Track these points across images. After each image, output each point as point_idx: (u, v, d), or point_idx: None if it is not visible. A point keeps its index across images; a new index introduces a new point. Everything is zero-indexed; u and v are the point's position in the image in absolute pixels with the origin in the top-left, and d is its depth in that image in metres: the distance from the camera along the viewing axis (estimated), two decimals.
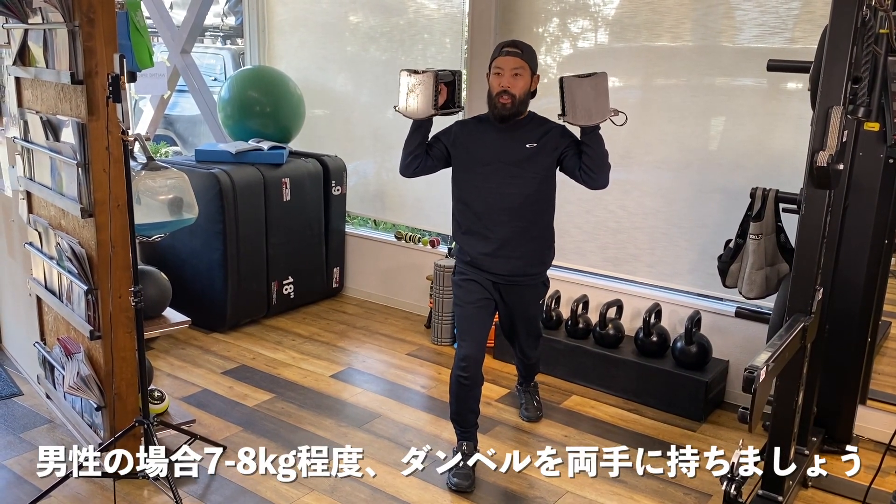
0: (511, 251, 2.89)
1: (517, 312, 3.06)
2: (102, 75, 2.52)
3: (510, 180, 2.83)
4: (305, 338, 4.26)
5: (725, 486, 2.32)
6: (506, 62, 2.77)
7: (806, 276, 2.45)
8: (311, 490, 2.78)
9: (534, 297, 3.07)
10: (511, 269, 2.92)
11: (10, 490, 2.74)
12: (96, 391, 2.79)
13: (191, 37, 5.18)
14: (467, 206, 2.91)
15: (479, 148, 2.87)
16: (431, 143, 2.94)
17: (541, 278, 3.04)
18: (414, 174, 2.95)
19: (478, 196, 2.88)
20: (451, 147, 2.92)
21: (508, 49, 2.78)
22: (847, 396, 3.10)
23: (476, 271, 2.95)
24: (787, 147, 3.34)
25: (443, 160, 2.95)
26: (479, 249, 2.91)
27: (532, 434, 3.26)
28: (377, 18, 4.65)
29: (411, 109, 2.85)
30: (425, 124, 2.90)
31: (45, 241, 3.07)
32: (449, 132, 2.95)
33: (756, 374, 2.03)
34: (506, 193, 2.84)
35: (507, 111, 2.79)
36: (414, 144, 2.91)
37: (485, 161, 2.86)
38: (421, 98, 2.82)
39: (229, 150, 4.33)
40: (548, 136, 2.85)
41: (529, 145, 2.83)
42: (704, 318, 3.56)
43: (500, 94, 2.77)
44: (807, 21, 3.23)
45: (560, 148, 2.84)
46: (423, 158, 2.92)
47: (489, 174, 2.85)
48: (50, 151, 2.84)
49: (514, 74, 2.76)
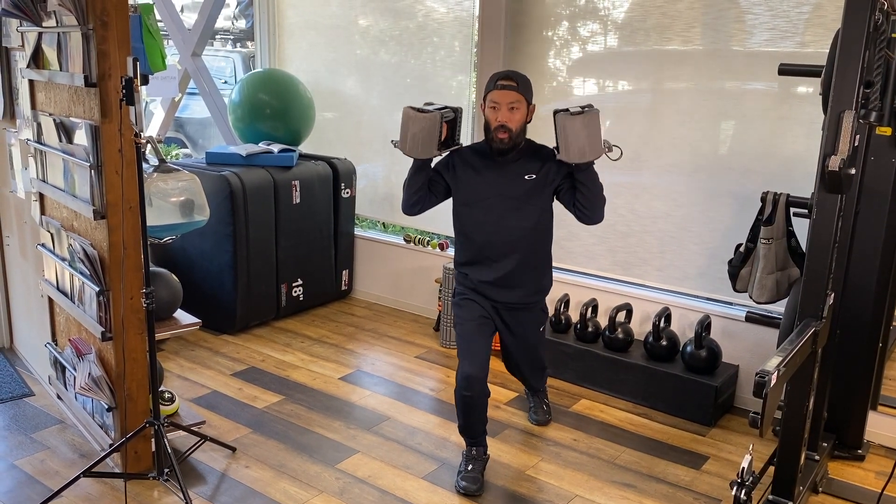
0: (512, 281, 2.90)
1: (517, 339, 3.06)
2: (116, 78, 2.53)
3: (511, 213, 2.84)
4: (314, 340, 4.27)
5: (735, 491, 2.31)
6: (501, 97, 2.75)
7: (817, 281, 2.44)
8: (321, 492, 2.79)
9: (533, 322, 3.07)
10: (509, 297, 2.94)
11: (21, 490, 2.76)
12: (107, 392, 2.80)
13: (202, 40, 5.21)
14: (468, 238, 2.92)
15: (479, 182, 2.87)
16: (432, 177, 2.93)
17: (539, 305, 3.06)
18: (418, 213, 2.94)
19: (479, 229, 2.88)
20: (450, 181, 2.91)
21: (503, 83, 2.76)
22: (858, 402, 3.08)
23: (476, 294, 2.96)
24: (798, 151, 3.33)
25: (443, 194, 2.95)
26: (481, 278, 2.92)
27: (541, 438, 3.26)
28: (387, 22, 4.67)
29: (414, 150, 2.79)
30: (428, 164, 2.88)
31: (58, 242, 3.09)
32: (448, 166, 2.92)
33: (767, 378, 2.02)
34: (507, 226, 2.84)
35: (504, 146, 2.78)
36: (418, 185, 2.88)
37: (485, 195, 2.85)
38: (425, 139, 2.77)
39: (240, 153, 4.35)
40: (545, 166, 2.84)
41: (528, 177, 2.83)
42: (714, 322, 3.55)
43: (498, 129, 2.76)
44: (818, 25, 3.22)
45: (557, 180, 2.84)
46: (426, 196, 2.91)
47: (490, 208, 2.85)
48: (63, 153, 2.85)
49: (511, 108, 2.75)
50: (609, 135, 2.78)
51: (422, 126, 2.76)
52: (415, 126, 2.77)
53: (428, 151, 2.80)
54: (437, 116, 2.76)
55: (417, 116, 2.76)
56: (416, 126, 2.76)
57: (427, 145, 2.78)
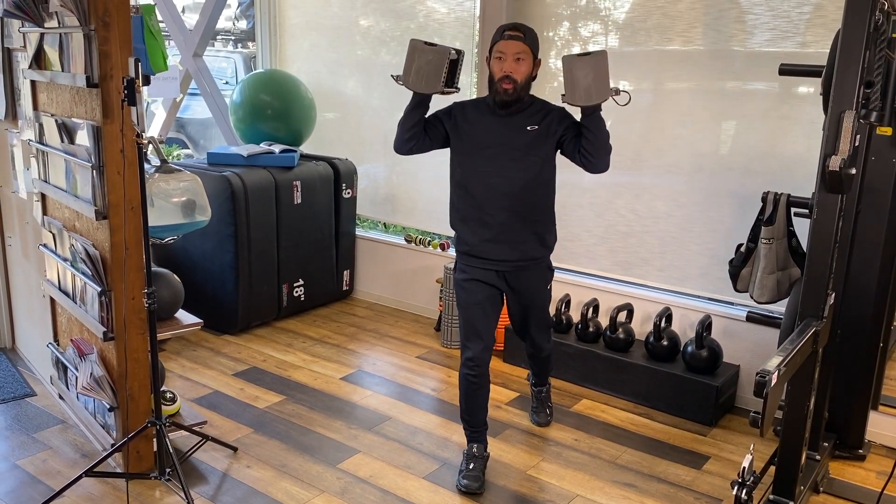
0: (512, 236, 2.83)
1: (526, 300, 2.99)
2: (117, 79, 2.54)
3: (511, 164, 2.77)
4: (316, 340, 4.28)
5: (736, 491, 2.31)
6: (508, 46, 2.70)
7: (818, 281, 2.44)
8: (322, 492, 2.79)
9: (540, 281, 2.99)
10: (513, 255, 2.85)
11: (23, 490, 2.76)
12: (109, 392, 2.81)
13: (203, 40, 5.21)
14: (466, 190, 2.84)
15: (480, 131, 2.80)
16: (429, 121, 2.85)
17: (545, 262, 2.97)
18: (409, 152, 2.86)
19: (478, 180, 2.80)
20: (450, 130, 2.84)
21: (510, 33, 2.71)
22: (859, 402, 3.08)
23: (478, 262, 2.87)
24: (798, 151, 3.34)
25: (440, 141, 2.87)
26: (480, 236, 2.84)
27: (542, 437, 3.26)
28: (388, 22, 4.67)
29: (418, 83, 2.72)
30: (426, 101, 2.81)
31: (60, 242, 3.10)
32: (449, 114, 2.86)
33: (768, 378, 2.02)
34: (507, 177, 2.77)
35: (509, 97, 2.72)
36: (413, 121, 2.80)
37: (485, 144, 2.79)
38: (430, 73, 2.70)
39: (241, 154, 4.36)
40: (548, 118, 2.78)
41: (531, 128, 2.77)
42: (715, 322, 3.55)
43: (503, 79, 2.70)
44: (819, 25, 3.22)
45: (560, 131, 2.77)
46: (421, 137, 2.83)
47: (490, 158, 2.78)
48: (65, 154, 2.86)
49: (517, 59, 2.69)
50: (610, 134, 2.77)
51: (428, 59, 2.71)
52: (421, 59, 2.71)
53: (431, 86, 2.74)
54: (447, 52, 2.71)
55: (425, 49, 2.71)
56: (423, 59, 2.71)
57: (431, 80, 2.73)
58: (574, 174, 3.48)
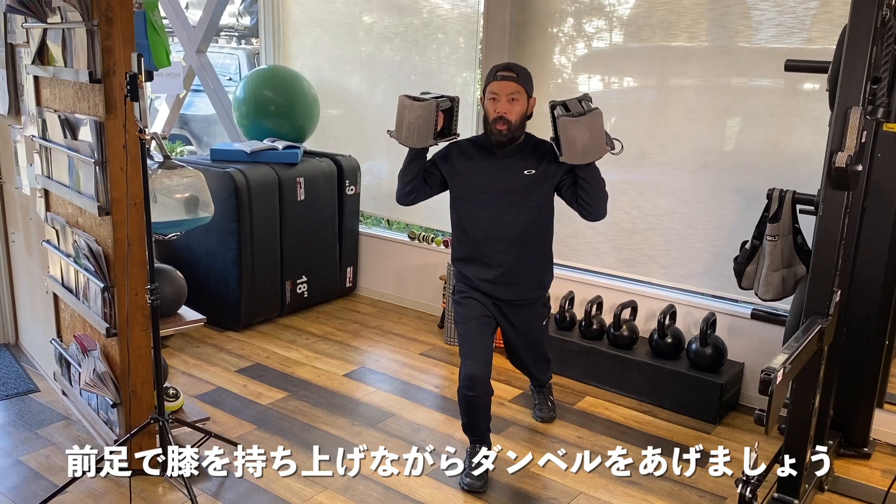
0: (511, 278, 2.87)
1: (521, 333, 3.04)
2: (120, 74, 2.53)
3: (509, 209, 2.79)
4: (319, 337, 4.27)
5: (740, 489, 2.30)
6: (501, 87, 2.70)
7: (823, 278, 2.43)
8: (325, 488, 2.79)
9: (536, 317, 3.04)
10: (509, 295, 2.90)
11: (27, 486, 2.76)
12: (112, 388, 2.80)
13: (206, 36, 5.21)
14: (465, 234, 2.88)
15: (477, 176, 2.82)
16: (427, 168, 2.88)
17: (541, 300, 3.04)
18: (411, 203, 2.90)
19: (476, 224, 2.84)
20: (447, 174, 2.87)
21: (503, 73, 2.72)
22: (864, 400, 3.07)
23: (476, 292, 2.92)
24: (804, 148, 3.32)
25: (438, 186, 2.90)
26: (480, 276, 2.88)
27: (545, 435, 3.26)
28: (391, 18, 4.66)
29: (409, 139, 2.74)
30: (423, 153, 2.83)
31: (63, 238, 3.09)
32: (445, 158, 2.88)
33: (773, 376, 2.01)
34: (505, 222, 2.80)
35: (503, 138, 2.73)
36: (412, 174, 2.84)
37: (483, 190, 2.81)
38: (421, 127, 2.71)
39: (244, 150, 4.35)
40: (545, 161, 2.79)
41: (528, 172, 2.78)
42: (720, 319, 3.54)
43: (497, 120, 2.71)
44: (825, 21, 3.20)
45: (558, 175, 2.79)
46: (421, 187, 2.87)
47: (488, 203, 2.80)
48: (68, 150, 2.86)
49: (511, 100, 2.70)
50: (614, 132, 2.76)
51: (417, 115, 2.71)
52: (410, 115, 2.72)
53: (423, 140, 2.75)
54: (433, 105, 2.71)
55: (413, 105, 2.71)
56: (412, 115, 2.72)
57: (422, 134, 2.73)
58: None
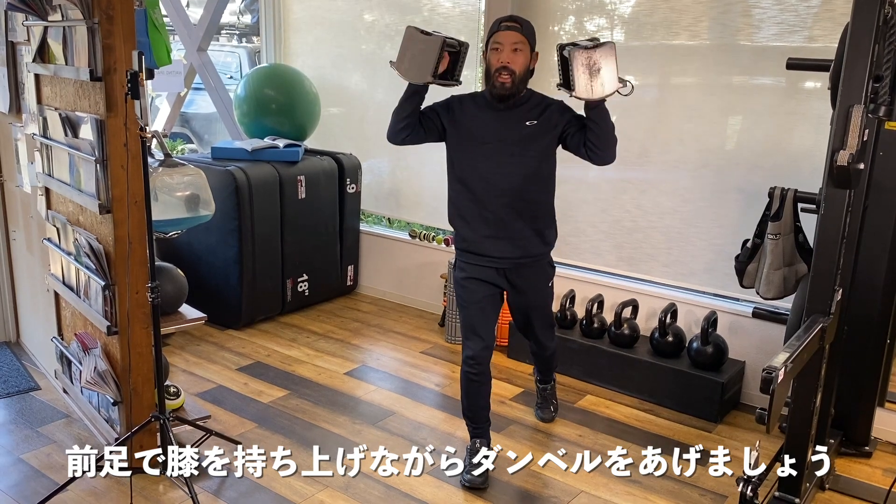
0: (512, 232, 2.78)
1: (528, 298, 2.96)
2: (121, 72, 2.53)
3: (509, 159, 2.72)
4: (320, 335, 4.27)
5: (741, 488, 2.30)
6: (505, 37, 2.65)
7: (825, 277, 2.42)
8: (326, 487, 2.79)
9: (542, 278, 2.96)
10: (513, 252, 2.81)
11: (27, 483, 2.76)
12: (113, 386, 2.80)
13: (207, 35, 5.20)
14: (464, 186, 2.79)
15: (478, 126, 2.75)
16: (426, 113, 2.78)
17: (545, 259, 2.94)
18: (402, 142, 2.79)
19: (476, 176, 2.75)
20: (447, 123, 2.79)
21: (507, 24, 2.66)
22: (865, 399, 3.07)
23: (478, 259, 2.83)
24: (805, 146, 3.31)
25: (435, 133, 2.81)
26: (479, 232, 2.80)
27: (546, 433, 3.25)
28: (392, 16, 4.66)
29: (408, 71, 2.65)
30: (422, 91, 2.74)
31: (63, 236, 3.09)
32: (447, 107, 2.80)
33: (774, 374, 2.01)
34: (505, 173, 2.72)
35: (506, 90, 2.66)
36: (408, 111, 2.73)
37: (483, 140, 2.74)
38: (423, 62, 2.62)
39: (245, 148, 4.35)
40: (547, 112, 2.73)
41: (529, 122, 2.72)
42: (721, 318, 3.53)
43: (500, 70, 2.63)
44: (826, 19, 3.20)
45: (560, 125, 2.72)
46: (415, 127, 2.77)
47: (488, 153, 2.73)
48: (68, 148, 2.85)
49: (514, 50, 2.64)
50: (616, 127, 2.74)
51: (421, 48, 2.63)
52: (414, 47, 2.65)
53: (422, 76, 2.66)
54: (439, 41, 2.63)
55: (419, 37, 2.64)
56: (416, 47, 2.64)
57: (423, 69, 2.65)
58: (579, 169, 3.47)
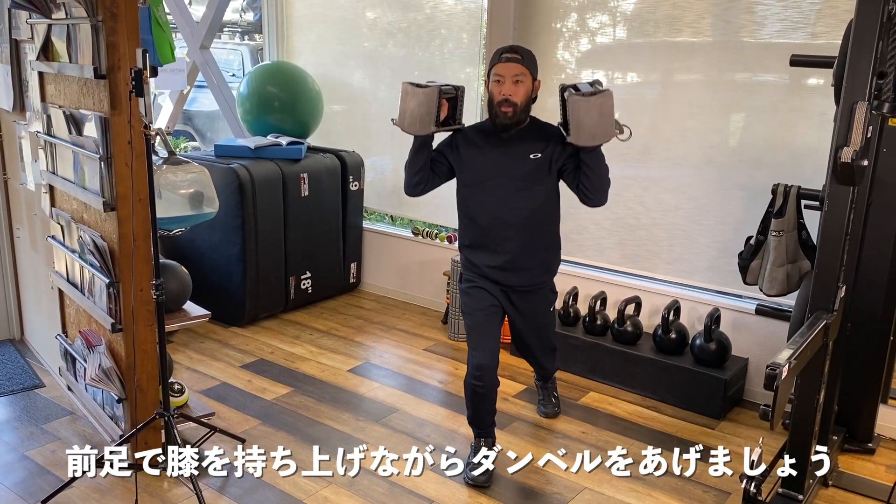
0: (518, 264, 2.85)
1: (527, 320, 3.02)
2: (125, 70, 2.53)
3: (516, 194, 2.78)
4: (323, 332, 4.28)
5: (745, 484, 2.31)
6: (506, 69, 2.69)
7: (828, 274, 2.43)
8: (330, 484, 2.79)
9: (543, 304, 3.04)
10: (518, 281, 2.89)
11: (32, 480, 2.77)
12: (117, 383, 2.81)
13: (210, 32, 5.20)
14: (472, 220, 2.86)
15: (483, 162, 2.81)
16: (435, 158, 2.86)
17: (548, 286, 3.03)
18: (420, 194, 2.87)
19: (483, 211, 2.82)
20: (453, 162, 2.85)
21: (508, 55, 2.70)
22: (868, 395, 3.07)
23: (483, 282, 2.91)
24: (809, 143, 3.31)
25: (446, 175, 2.88)
26: (487, 262, 2.87)
27: (549, 430, 3.26)
28: (395, 14, 4.66)
29: (412, 126, 2.72)
30: (428, 141, 2.81)
31: (68, 234, 3.10)
32: (451, 146, 2.86)
33: (778, 371, 2.01)
34: (512, 207, 2.79)
35: (508, 120, 2.72)
36: (419, 164, 2.81)
37: (489, 176, 2.79)
38: (423, 114, 2.68)
39: (248, 146, 4.35)
40: (551, 145, 2.77)
41: (533, 156, 2.77)
42: (724, 315, 3.54)
43: (502, 102, 2.69)
44: (830, 16, 3.19)
45: (561, 159, 2.77)
46: (429, 177, 2.84)
47: (494, 189, 2.79)
48: (72, 146, 2.86)
49: (515, 81, 2.69)
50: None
51: (419, 101, 2.68)
52: (412, 101, 2.69)
53: (424, 128, 2.72)
54: (435, 92, 2.68)
55: (415, 91, 2.69)
56: (414, 101, 2.69)
57: (424, 122, 2.70)
58: None
